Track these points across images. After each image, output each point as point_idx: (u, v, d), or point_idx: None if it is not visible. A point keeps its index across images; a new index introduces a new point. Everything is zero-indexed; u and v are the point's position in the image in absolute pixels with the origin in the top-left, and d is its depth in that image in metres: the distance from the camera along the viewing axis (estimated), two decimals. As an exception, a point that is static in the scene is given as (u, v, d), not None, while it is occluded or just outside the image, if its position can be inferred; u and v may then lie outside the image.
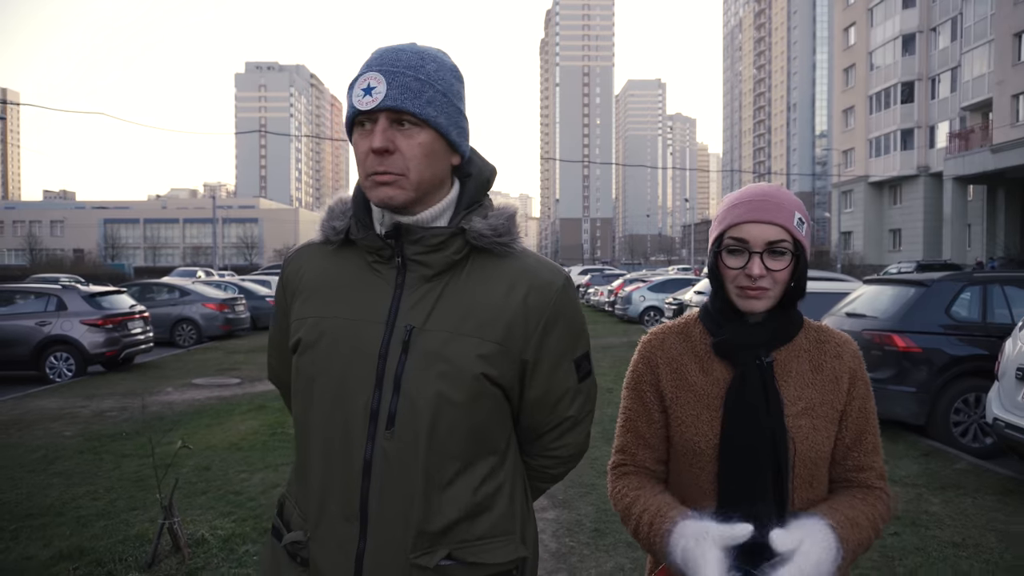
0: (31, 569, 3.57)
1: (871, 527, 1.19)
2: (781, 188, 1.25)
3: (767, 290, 1.20)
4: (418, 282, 1.15)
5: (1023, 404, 4.67)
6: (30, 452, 6.01)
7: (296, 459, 1.22)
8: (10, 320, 10.44)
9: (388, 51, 1.13)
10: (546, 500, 4.61)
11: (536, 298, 1.17)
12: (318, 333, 1.16)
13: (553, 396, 1.23)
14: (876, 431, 1.28)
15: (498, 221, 1.18)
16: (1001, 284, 6.39)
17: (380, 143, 1.08)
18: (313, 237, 1.26)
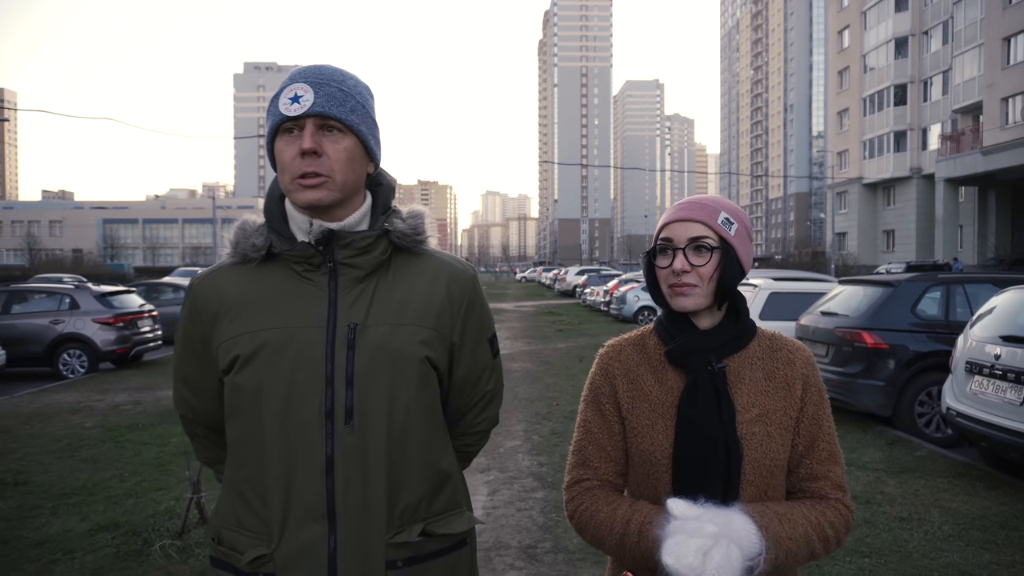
0: (73, 539, 3.99)
1: (811, 527, 1.17)
2: (718, 196, 1.31)
3: (694, 286, 1.23)
4: (351, 284, 1.22)
5: (972, 395, 5.10)
6: (55, 441, 6.42)
7: (235, 483, 1.22)
8: (25, 319, 10.86)
9: (311, 67, 1.22)
10: (536, 482, 5.04)
11: (456, 286, 1.29)
12: (257, 345, 1.18)
13: (475, 373, 1.35)
14: (832, 439, 1.27)
15: (416, 222, 1.28)
16: (963, 284, 6.83)
17: (310, 144, 1.15)
18: (221, 261, 1.30)
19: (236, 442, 1.22)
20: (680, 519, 1.09)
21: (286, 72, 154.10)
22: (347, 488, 1.15)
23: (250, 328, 1.19)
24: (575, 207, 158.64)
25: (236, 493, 1.22)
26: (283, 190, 1.21)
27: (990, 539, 3.91)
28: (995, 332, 5.04)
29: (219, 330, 1.22)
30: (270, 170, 49.56)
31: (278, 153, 1.18)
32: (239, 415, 1.21)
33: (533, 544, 3.90)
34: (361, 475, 1.16)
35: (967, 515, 4.30)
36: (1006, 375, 4.76)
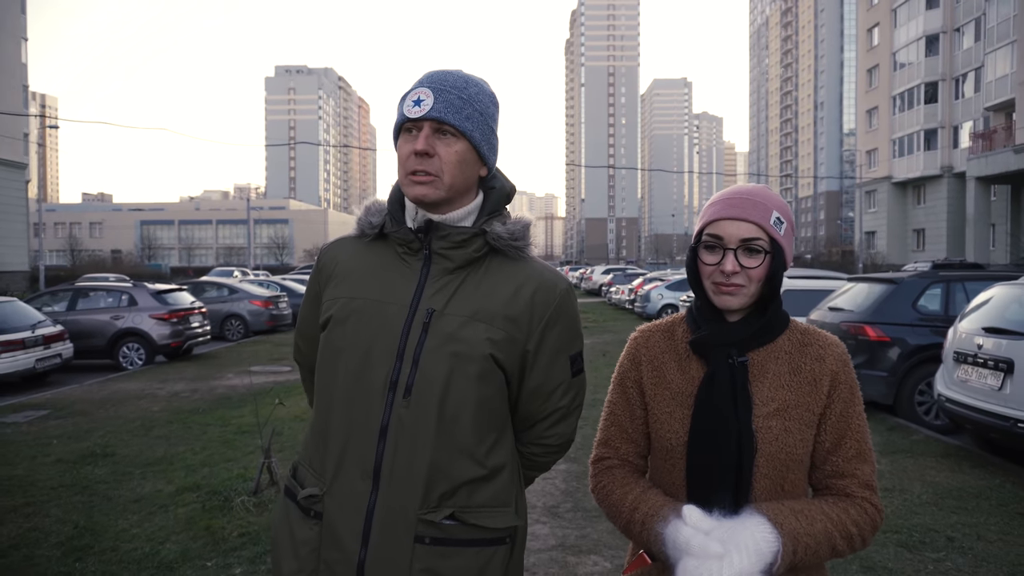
0: (163, 497, 4.69)
1: (832, 523, 1.16)
2: (765, 188, 1.27)
3: (741, 287, 1.22)
4: (441, 273, 1.31)
5: (959, 382, 5.57)
6: (129, 422, 7.19)
7: (313, 425, 1.36)
8: (88, 315, 11.77)
9: (439, 72, 1.32)
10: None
11: (542, 296, 1.32)
12: (348, 311, 1.31)
13: (549, 387, 1.36)
14: (862, 438, 1.24)
15: (515, 227, 1.34)
16: (963, 282, 7.25)
17: (422, 146, 1.25)
18: (349, 232, 1.44)
19: (317, 389, 1.36)
20: (690, 531, 1.11)
21: (316, 75, 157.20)
22: (394, 456, 1.24)
23: (347, 294, 1.33)
24: (602, 206, 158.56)
25: (311, 433, 1.36)
26: (399, 181, 1.33)
27: (962, 506, 4.40)
28: (979, 324, 5.50)
29: (328, 290, 1.38)
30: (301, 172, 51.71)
31: (399, 149, 1.30)
32: (322, 368, 1.34)
33: (556, 505, 4.50)
34: (409, 447, 1.24)
35: (946, 487, 4.79)
36: (987, 363, 5.22)
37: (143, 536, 3.99)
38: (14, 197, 36.19)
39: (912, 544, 3.80)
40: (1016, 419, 4.82)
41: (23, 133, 37.89)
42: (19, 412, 7.80)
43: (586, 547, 3.80)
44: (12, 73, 36.12)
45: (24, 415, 7.62)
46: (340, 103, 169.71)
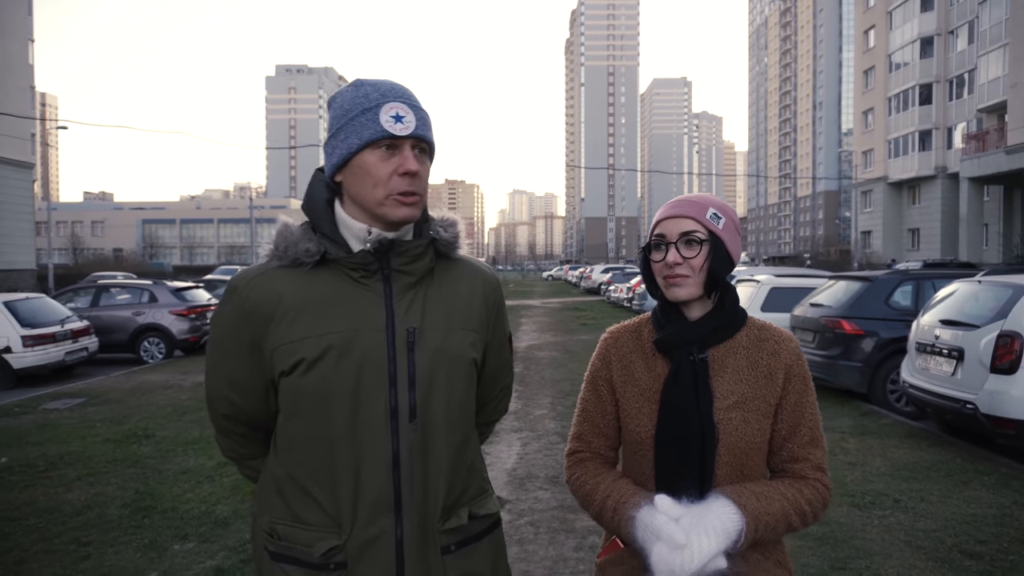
0: (207, 470, 5.28)
1: (788, 502, 1.27)
2: (706, 194, 1.42)
3: (686, 277, 1.32)
4: (404, 290, 1.28)
5: (920, 369, 6.16)
6: (161, 408, 7.77)
7: (293, 477, 1.25)
8: (111, 311, 12.36)
9: (396, 86, 1.27)
10: (559, 437, 6.22)
11: (489, 291, 1.40)
12: (323, 348, 1.22)
13: (498, 370, 1.47)
14: (814, 425, 1.35)
15: (454, 231, 1.36)
16: (932, 280, 7.84)
17: (416, 167, 1.22)
18: (266, 264, 1.30)
19: (297, 440, 1.25)
20: (663, 519, 1.20)
21: (317, 74, 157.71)
22: (412, 481, 1.23)
23: (315, 331, 1.22)
24: (602, 206, 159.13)
25: (293, 487, 1.25)
26: (367, 202, 1.24)
27: (913, 475, 5.00)
28: (938, 318, 6.09)
29: (276, 333, 1.24)
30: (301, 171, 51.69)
31: (371, 167, 1.22)
32: (302, 415, 1.24)
33: (556, 475, 5.09)
34: (423, 469, 1.25)
35: (903, 462, 5.38)
36: (943, 352, 5.81)
37: (196, 499, 4.58)
38: (21, 196, 36.73)
39: (863, 504, 4.39)
40: (965, 401, 5.41)
41: (30, 133, 38.44)
42: (57, 400, 8.40)
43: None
44: (20, 74, 36.65)
45: (63, 402, 8.21)
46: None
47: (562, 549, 3.78)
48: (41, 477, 5.12)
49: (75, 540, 3.90)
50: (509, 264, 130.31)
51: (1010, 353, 5.12)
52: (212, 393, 1.35)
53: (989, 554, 3.63)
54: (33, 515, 4.31)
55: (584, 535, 3.95)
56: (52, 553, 3.73)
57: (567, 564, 3.59)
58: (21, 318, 10.08)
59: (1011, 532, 3.92)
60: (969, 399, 5.37)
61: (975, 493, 4.61)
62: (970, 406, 5.35)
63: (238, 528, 4.07)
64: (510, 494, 4.70)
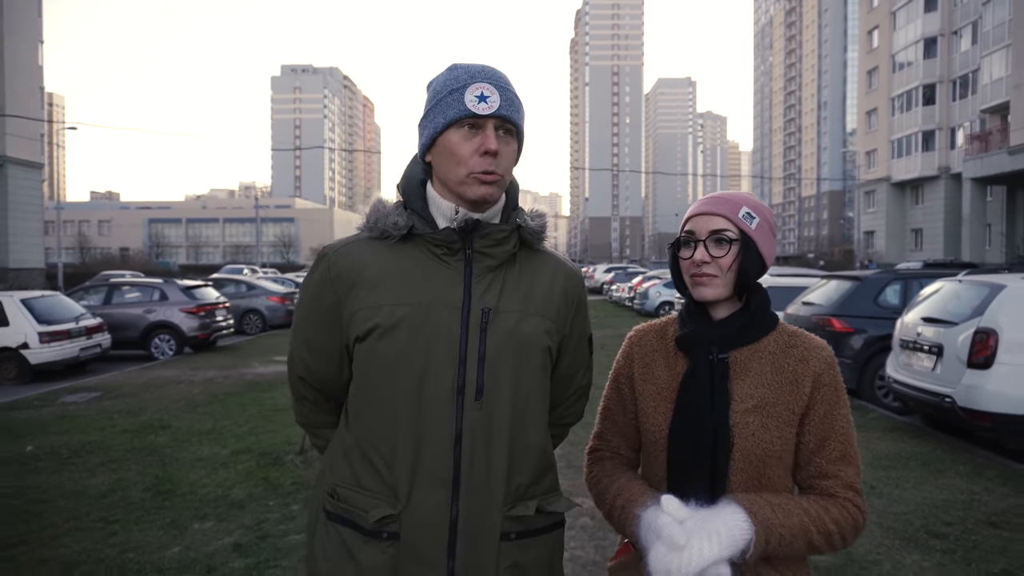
0: (221, 457, 5.56)
1: (809, 518, 1.20)
2: (742, 192, 1.37)
3: (714, 276, 1.29)
4: (484, 272, 1.29)
5: (904, 364, 6.41)
6: (175, 402, 8.07)
7: (355, 443, 1.28)
8: (123, 308, 12.70)
9: (486, 67, 1.28)
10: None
11: (571, 285, 1.38)
12: (397, 318, 1.24)
13: (574, 368, 1.43)
14: (846, 440, 1.27)
15: (542, 222, 1.36)
16: (920, 279, 8.08)
17: (496, 146, 1.23)
18: (355, 235, 1.36)
19: (365, 405, 1.28)
20: (666, 519, 1.16)
21: (322, 74, 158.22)
22: (472, 461, 1.23)
23: (391, 300, 1.25)
24: (606, 205, 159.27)
25: (357, 453, 1.27)
26: (449, 180, 1.26)
27: (893, 465, 5.25)
28: (919, 315, 6.34)
29: (356, 298, 1.28)
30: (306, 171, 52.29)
31: (454, 146, 1.24)
32: (372, 381, 1.27)
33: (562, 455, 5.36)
34: (485, 449, 1.24)
35: (884, 452, 5.63)
36: (924, 348, 6.06)
37: (213, 484, 4.87)
38: (31, 196, 37.17)
39: (841, 490, 4.65)
40: (944, 395, 5.66)
41: (39, 134, 38.91)
42: (74, 394, 8.71)
43: (576, 492, 4.66)
44: (30, 75, 37.10)
45: (80, 396, 8.52)
46: (345, 102, 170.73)
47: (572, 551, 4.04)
48: (66, 464, 5.42)
49: (102, 519, 4.19)
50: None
51: (985, 349, 5.37)
52: (292, 356, 1.41)
53: (954, 534, 3.88)
54: (61, 497, 4.60)
55: (576, 516, 4.22)
56: (82, 530, 4.02)
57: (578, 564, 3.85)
58: (38, 315, 10.40)
59: (977, 515, 4.18)
60: (947, 393, 5.62)
61: (948, 481, 4.86)
62: (948, 400, 5.60)
63: (253, 509, 4.35)
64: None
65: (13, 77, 35.28)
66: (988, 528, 3.98)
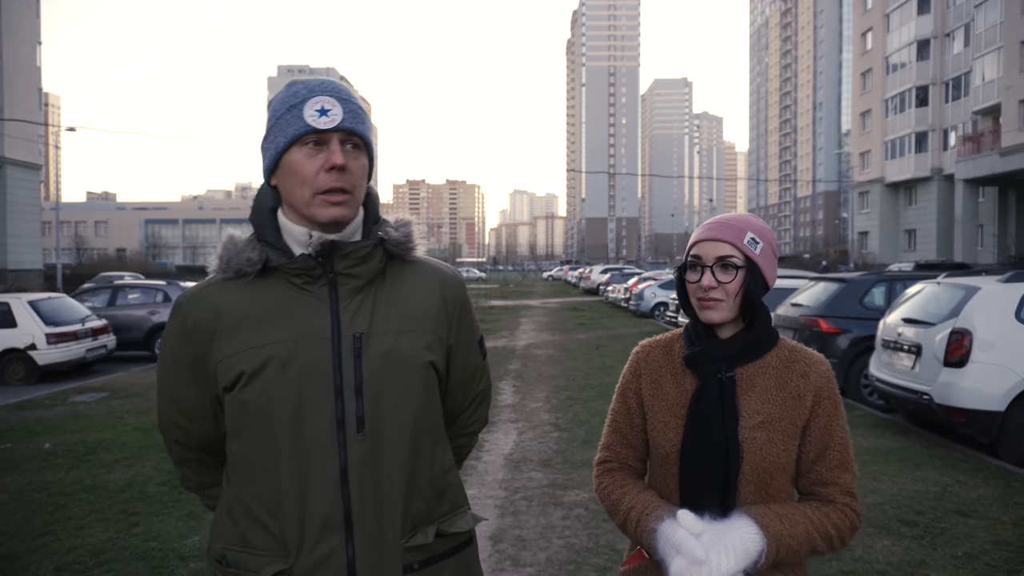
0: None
1: (813, 525, 1.27)
2: (747, 215, 1.41)
3: (720, 301, 1.33)
4: (350, 294, 1.23)
5: (886, 363, 6.68)
6: (182, 401, 8.30)
7: (238, 500, 1.22)
8: (127, 310, 12.92)
9: (327, 81, 1.22)
10: (552, 428, 6.74)
11: (450, 291, 1.34)
12: (263, 360, 1.17)
13: (468, 374, 1.40)
14: (844, 448, 1.34)
15: (407, 230, 1.30)
16: (904, 281, 8.36)
17: (343, 160, 1.17)
18: (209, 277, 1.27)
19: (241, 459, 1.21)
20: (684, 533, 1.21)
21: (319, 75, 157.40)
22: (363, 496, 1.17)
23: (254, 343, 1.19)
24: (602, 206, 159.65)
25: (241, 512, 1.21)
26: (297, 202, 1.20)
27: (873, 459, 5.51)
28: (901, 316, 6.61)
29: (218, 348, 1.21)
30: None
31: (297, 165, 1.18)
32: (246, 431, 1.20)
33: (548, 459, 5.62)
34: (375, 482, 1.19)
35: (866, 447, 5.89)
36: (904, 347, 6.34)
37: (225, 479, 5.11)
38: (29, 197, 37.31)
39: (821, 483, 4.91)
40: (922, 392, 5.93)
41: (38, 135, 39.05)
42: (83, 394, 8.94)
43: (570, 485, 4.93)
44: (28, 77, 37.26)
45: (88, 396, 8.76)
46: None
47: (551, 519, 4.30)
48: (83, 460, 5.66)
49: (123, 511, 4.43)
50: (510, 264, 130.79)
51: (960, 348, 5.64)
52: (162, 418, 1.32)
53: (924, 522, 4.15)
54: (82, 491, 4.85)
55: (571, 507, 4.48)
56: (106, 521, 4.26)
57: (555, 530, 4.11)
58: (44, 317, 10.62)
59: (947, 505, 4.45)
60: (925, 390, 5.89)
61: (924, 473, 5.13)
62: (926, 397, 5.87)
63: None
64: (506, 475, 5.22)
65: (12, 79, 35.44)
66: (956, 516, 4.24)
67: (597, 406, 7.60)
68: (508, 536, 4.04)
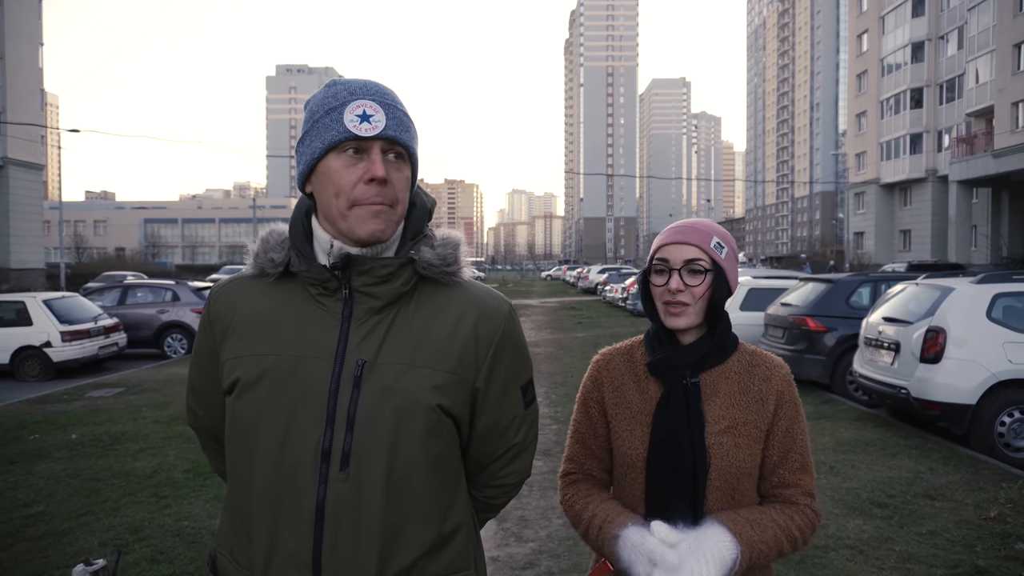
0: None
1: (780, 529, 1.29)
2: (708, 220, 1.42)
3: (687, 305, 1.33)
4: (366, 314, 1.13)
5: (868, 360, 7.04)
6: (195, 396, 8.64)
7: (230, 509, 1.16)
8: (137, 309, 13.27)
9: (370, 83, 1.13)
10: (551, 420, 7.10)
11: (486, 326, 1.17)
12: (259, 372, 1.10)
13: (502, 424, 1.22)
14: (804, 451, 1.36)
15: (446, 251, 1.17)
16: (888, 282, 8.72)
17: (384, 172, 1.07)
18: (243, 271, 1.23)
19: (231, 469, 1.16)
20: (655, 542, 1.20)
21: (317, 74, 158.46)
22: (336, 541, 1.06)
23: (256, 350, 1.13)
24: (600, 206, 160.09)
25: (233, 519, 1.15)
26: (331, 214, 1.11)
27: (853, 449, 5.88)
28: (882, 315, 6.97)
29: (227, 345, 1.17)
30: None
31: (333, 173, 1.09)
32: (233, 442, 1.14)
33: (548, 449, 5.97)
34: (353, 528, 1.06)
35: (847, 439, 6.25)
36: (884, 345, 6.70)
37: (245, 467, 5.46)
38: (32, 197, 37.61)
39: (802, 470, 5.27)
40: (900, 387, 6.29)
41: (40, 135, 39.32)
42: (100, 389, 9.28)
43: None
44: (31, 78, 37.55)
45: (105, 391, 9.09)
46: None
47: (551, 501, 4.66)
48: (109, 450, 6.00)
49: (154, 495, 4.78)
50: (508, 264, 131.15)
51: (935, 345, 6.00)
52: (186, 403, 1.34)
53: (894, 504, 4.51)
54: (113, 478, 5.19)
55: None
56: (138, 504, 4.61)
57: (554, 511, 4.47)
58: (59, 315, 10.95)
59: (917, 489, 4.81)
60: (903, 385, 6.25)
61: (899, 462, 5.49)
62: (904, 391, 6.23)
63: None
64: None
65: (14, 80, 35.73)
66: (925, 499, 4.60)
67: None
68: (511, 516, 4.39)
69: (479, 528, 1.30)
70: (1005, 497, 4.61)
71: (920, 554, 3.74)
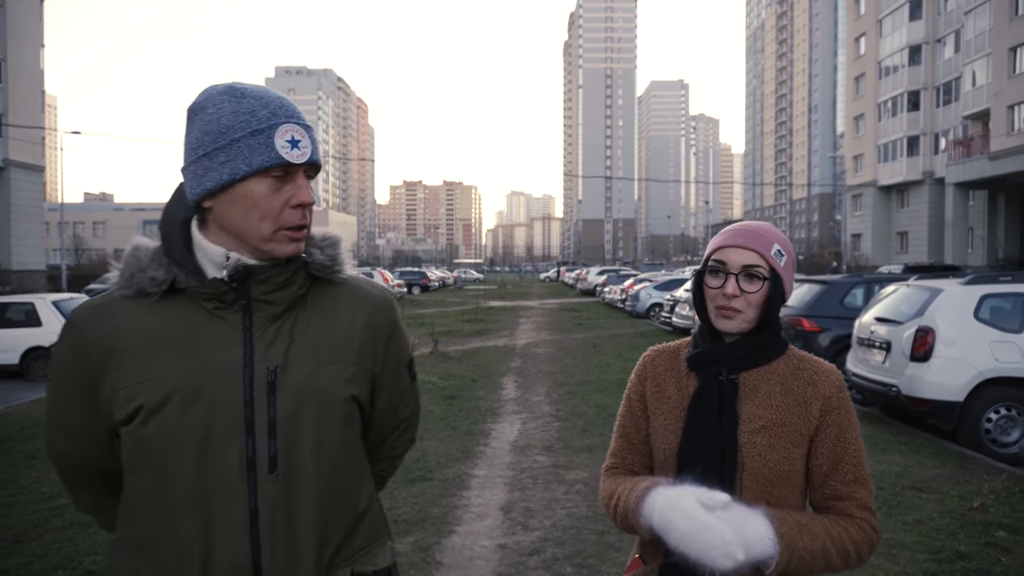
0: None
1: (831, 540, 1.22)
2: (769, 224, 1.38)
3: (740, 312, 1.30)
4: (266, 321, 1.13)
5: (860, 359, 7.26)
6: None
7: (135, 543, 1.12)
8: (142, 309, 13.41)
9: (284, 101, 1.12)
10: (553, 418, 7.30)
11: (378, 316, 1.25)
12: (164, 395, 1.07)
13: (395, 401, 1.32)
14: (858, 462, 1.30)
15: (333, 251, 1.21)
16: (881, 283, 8.94)
17: (311, 197, 1.12)
18: (110, 292, 1.16)
19: (138, 499, 1.11)
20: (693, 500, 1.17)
21: (316, 76, 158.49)
22: (273, 541, 1.09)
23: (155, 374, 1.08)
24: (599, 207, 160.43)
25: (139, 553, 1.11)
26: (248, 235, 1.10)
27: (844, 445, 6.07)
28: (874, 315, 7.19)
29: (113, 375, 1.10)
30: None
31: (259, 198, 1.08)
32: (142, 471, 1.10)
33: (551, 445, 6.17)
34: (288, 526, 1.10)
35: (839, 435, 6.45)
36: (876, 344, 6.91)
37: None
38: (33, 199, 37.78)
39: (796, 464, 5.48)
40: (891, 385, 6.50)
41: (40, 137, 39.50)
42: (110, 388, 9.45)
43: (571, 466, 5.49)
44: (32, 79, 37.72)
45: (115, 390, 9.26)
46: (339, 103, 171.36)
47: (555, 493, 4.86)
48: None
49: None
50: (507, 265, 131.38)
51: (924, 344, 6.21)
52: (52, 446, 1.23)
53: (883, 496, 4.71)
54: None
55: (572, 484, 5.03)
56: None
57: (558, 502, 4.67)
58: (67, 316, 11.11)
59: (905, 482, 5.01)
60: (894, 383, 6.46)
61: (889, 456, 5.70)
62: (894, 389, 6.44)
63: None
64: (513, 458, 5.77)
65: (16, 82, 35.91)
66: (912, 491, 4.81)
67: (595, 399, 8.16)
68: (517, 507, 4.59)
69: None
70: (989, 489, 4.81)
71: (905, 541, 3.94)
